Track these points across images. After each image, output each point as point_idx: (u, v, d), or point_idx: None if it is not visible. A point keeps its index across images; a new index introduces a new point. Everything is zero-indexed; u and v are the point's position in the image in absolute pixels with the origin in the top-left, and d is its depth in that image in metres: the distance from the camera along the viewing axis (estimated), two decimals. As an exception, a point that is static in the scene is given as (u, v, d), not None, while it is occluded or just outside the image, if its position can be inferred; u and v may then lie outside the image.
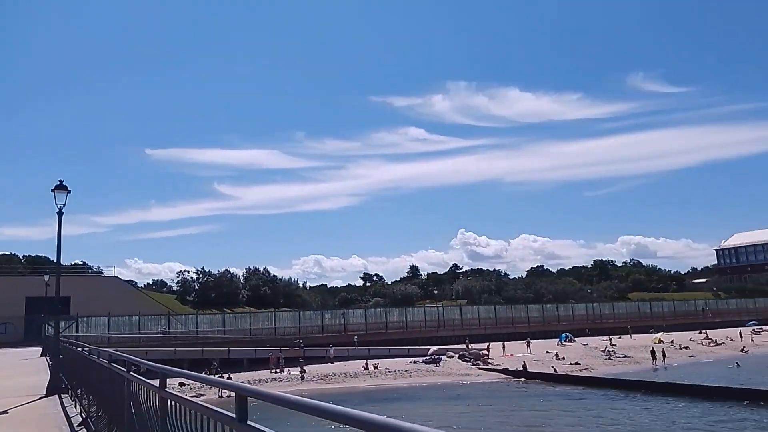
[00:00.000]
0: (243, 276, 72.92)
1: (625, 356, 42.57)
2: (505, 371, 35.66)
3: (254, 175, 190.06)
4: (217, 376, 32.88)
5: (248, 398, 2.49)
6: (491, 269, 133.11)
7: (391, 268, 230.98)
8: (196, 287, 66.95)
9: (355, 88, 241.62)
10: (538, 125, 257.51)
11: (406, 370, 36.79)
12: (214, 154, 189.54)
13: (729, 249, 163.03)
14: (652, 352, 42.18)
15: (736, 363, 38.84)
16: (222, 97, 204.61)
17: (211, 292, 64.99)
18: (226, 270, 69.64)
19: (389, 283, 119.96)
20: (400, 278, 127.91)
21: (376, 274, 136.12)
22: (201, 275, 67.87)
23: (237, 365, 37.83)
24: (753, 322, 67.34)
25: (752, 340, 52.70)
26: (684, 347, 47.37)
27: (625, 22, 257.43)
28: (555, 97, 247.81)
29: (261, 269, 75.69)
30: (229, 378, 31.61)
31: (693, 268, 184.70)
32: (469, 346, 43.99)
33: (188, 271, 68.90)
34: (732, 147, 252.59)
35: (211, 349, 39.79)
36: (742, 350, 46.46)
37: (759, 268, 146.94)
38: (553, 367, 36.38)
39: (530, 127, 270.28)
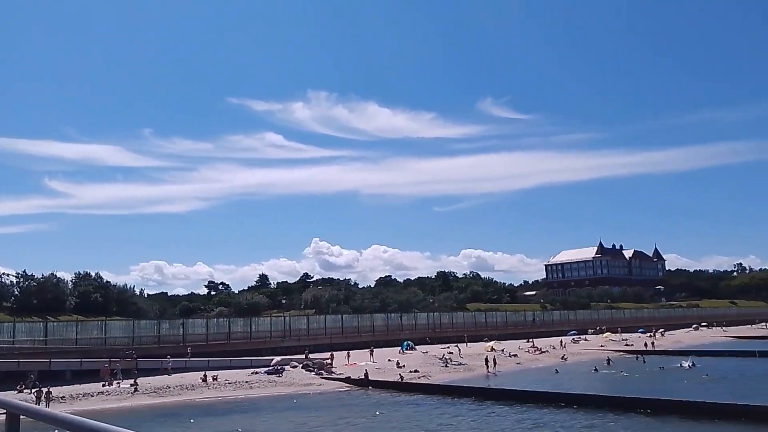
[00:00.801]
0: (71, 281, 67.36)
1: (460, 364, 45.63)
2: (347, 380, 36.58)
3: (92, 172, 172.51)
4: (34, 390, 30.18)
5: (21, 416, 2.35)
6: (342, 279, 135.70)
7: (240, 276, 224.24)
8: (16, 292, 60.68)
9: (212, 87, 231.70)
10: (395, 141, 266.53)
11: (247, 381, 36.25)
12: (47, 147, 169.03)
13: (556, 265, 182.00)
14: (486, 360, 45.60)
15: (556, 370, 43.59)
16: (57, 84, 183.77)
17: (33, 297, 59.31)
18: (52, 274, 64.06)
19: (236, 292, 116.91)
20: (248, 287, 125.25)
21: (222, 283, 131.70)
22: (21, 279, 61.73)
23: (59, 378, 34.72)
24: (573, 332, 75.77)
25: (563, 346, 58.71)
26: (513, 355, 51.81)
27: (478, 49, 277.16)
28: (411, 115, 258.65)
29: (93, 274, 70.48)
30: (48, 392, 29.07)
31: (525, 282, 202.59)
32: (309, 356, 44.39)
33: (7, 275, 62.36)
34: (565, 173, 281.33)
35: (29, 360, 36.09)
36: (562, 358, 51.89)
37: (580, 283, 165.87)
38: (400, 375, 37.99)
39: (388, 142, 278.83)
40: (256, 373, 38.79)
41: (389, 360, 45.66)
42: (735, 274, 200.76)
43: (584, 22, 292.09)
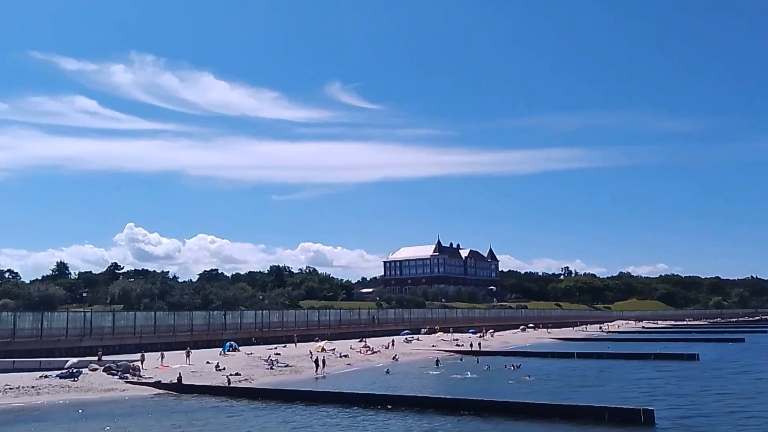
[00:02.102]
0: None
1: (287, 365, 45.75)
2: (157, 384, 35.01)
3: None
4: None
5: None
6: (159, 271, 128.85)
7: (32, 263, 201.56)
8: None
9: (11, 36, 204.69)
10: (231, 118, 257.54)
11: (33, 387, 33.13)
12: None
13: (395, 262, 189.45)
14: (315, 361, 46.21)
15: (387, 370, 45.51)
16: None
17: None
18: None
19: (26, 281, 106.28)
20: (42, 277, 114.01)
21: (9, 270, 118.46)
22: None
23: None
24: (406, 331, 79.55)
25: (393, 346, 61.66)
26: (344, 355, 53.08)
27: (330, 30, 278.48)
28: (252, 92, 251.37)
29: None
30: None
31: (363, 278, 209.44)
32: (102, 357, 41.74)
33: None
34: (408, 168, 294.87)
35: None
36: (393, 358, 54.23)
37: (417, 281, 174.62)
38: (227, 377, 37.09)
39: (223, 119, 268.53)
40: (46, 376, 35.62)
41: (208, 362, 44.40)
42: (562, 277, 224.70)
43: (438, 18, 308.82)
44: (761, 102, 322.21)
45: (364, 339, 65.68)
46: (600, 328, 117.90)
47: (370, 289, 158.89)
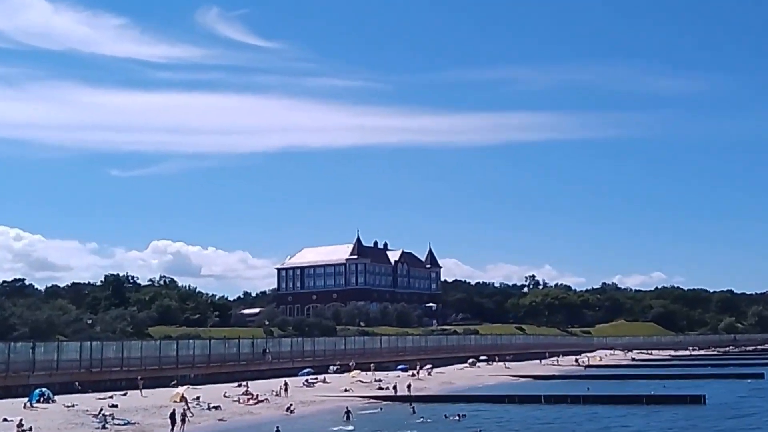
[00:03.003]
0: None
1: (128, 423, 43.66)
2: None
3: None
4: None
5: None
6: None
7: None
8: None
9: None
10: (54, 55, 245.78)
11: None
12: None
13: (294, 269, 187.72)
14: (171, 416, 44.21)
15: (277, 428, 44.13)
16: None
17: None
18: None
19: None
20: None
21: None
22: None
23: None
24: (308, 369, 78.28)
25: (287, 391, 60.31)
26: (215, 407, 51.34)
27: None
28: (85, 16, 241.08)
29: None
30: None
31: (247, 293, 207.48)
32: None
33: None
34: (317, 133, 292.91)
35: None
36: (287, 409, 52.88)
37: (326, 297, 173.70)
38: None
39: (39, 54, 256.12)
40: None
41: (5, 420, 41.91)
42: (526, 290, 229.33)
43: None
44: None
45: (245, 383, 64.04)
46: (576, 360, 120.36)
47: (257, 310, 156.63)
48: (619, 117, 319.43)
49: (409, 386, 65.55)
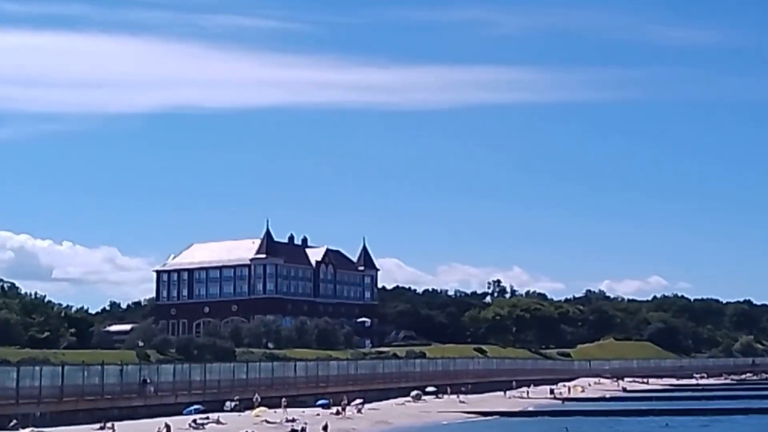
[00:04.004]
0: None
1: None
2: None
3: None
4: None
5: None
6: None
7: None
8: None
9: None
10: None
11: None
12: None
13: (179, 271, 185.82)
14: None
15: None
16: None
17: None
18: None
19: None
20: None
21: None
22: None
23: None
24: (196, 407, 76.95)
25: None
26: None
27: None
28: None
29: None
30: None
31: (114, 303, 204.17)
32: None
33: None
34: (212, 89, 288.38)
35: None
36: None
37: (223, 308, 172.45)
38: None
39: None
40: None
41: None
42: (488, 298, 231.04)
43: None
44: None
45: (110, 424, 62.98)
46: (552, 392, 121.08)
47: (128, 326, 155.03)
48: (612, 75, 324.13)
49: (325, 428, 65.08)
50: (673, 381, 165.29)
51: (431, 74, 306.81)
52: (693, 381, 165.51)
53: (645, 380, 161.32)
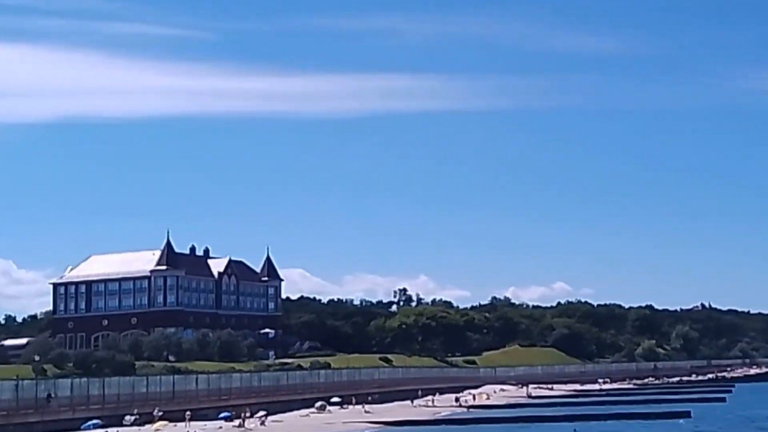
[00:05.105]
0: None
1: None
2: None
3: None
4: None
5: None
6: None
7: None
8: None
9: None
10: None
11: None
12: None
13: (77, 283, 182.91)
14: None
15: None
16: None
17: None
18: None
19: None
20: None
21: None
22: None
23: None
24: (95, 422, 75.98)
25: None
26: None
27: None
28: None
29: None
30: None
31: (9, 317, 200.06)
32: None
33: None
34: (109, 97, 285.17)
35: None
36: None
37: (122, 321, 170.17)
38: None
39: None
40: None
41: None
42: (394, 307, 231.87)
43: None
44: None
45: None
46: (457, 400, 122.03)
47: (23, 340, 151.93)
48: (521, 82, 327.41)
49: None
50: (578, 386, 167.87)
51: (334, 82, 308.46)
52: (597, 386, 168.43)
53: (550, 386, 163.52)
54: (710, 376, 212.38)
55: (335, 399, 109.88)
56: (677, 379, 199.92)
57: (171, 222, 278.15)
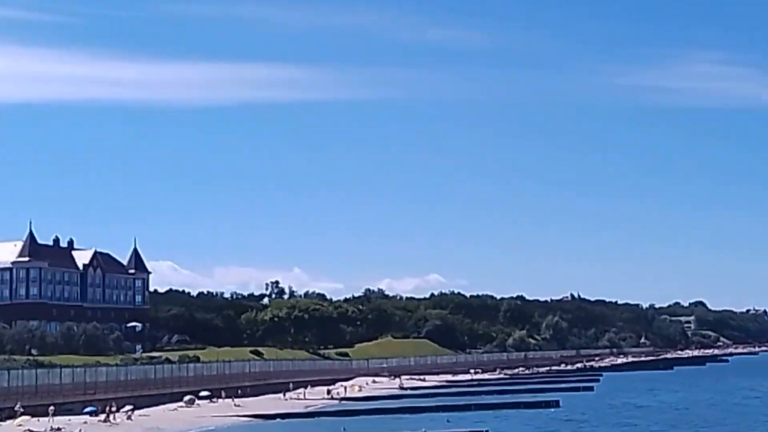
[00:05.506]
0: None
1: None
2: None
3: None
4: None
5: None
6: None
7: None
8: None
9: None
10: None
11: None
12: None
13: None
14: None
15: None
16: None
17: None
18: None
19: None
20: None
21: None
22: None
23: None
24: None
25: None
26: None
27: None
28: None
29: None
30: None
31: None
32: None
33: None
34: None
35: None
36: None
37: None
38: None
39: None
40: None
41: None
42: (266, 300, 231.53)
43: None
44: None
45: None
46: (328, 392, 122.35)
47: None
48: (393, 73, 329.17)
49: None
50: (450, 377, 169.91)
51: (204, 70, 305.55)
52: (468, 377, 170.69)
53: (422, 377, 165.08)
54: (579, 365, 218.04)
55: (204, 393, 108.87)
56: (547, 368, 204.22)
57: (34, 213, 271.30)
